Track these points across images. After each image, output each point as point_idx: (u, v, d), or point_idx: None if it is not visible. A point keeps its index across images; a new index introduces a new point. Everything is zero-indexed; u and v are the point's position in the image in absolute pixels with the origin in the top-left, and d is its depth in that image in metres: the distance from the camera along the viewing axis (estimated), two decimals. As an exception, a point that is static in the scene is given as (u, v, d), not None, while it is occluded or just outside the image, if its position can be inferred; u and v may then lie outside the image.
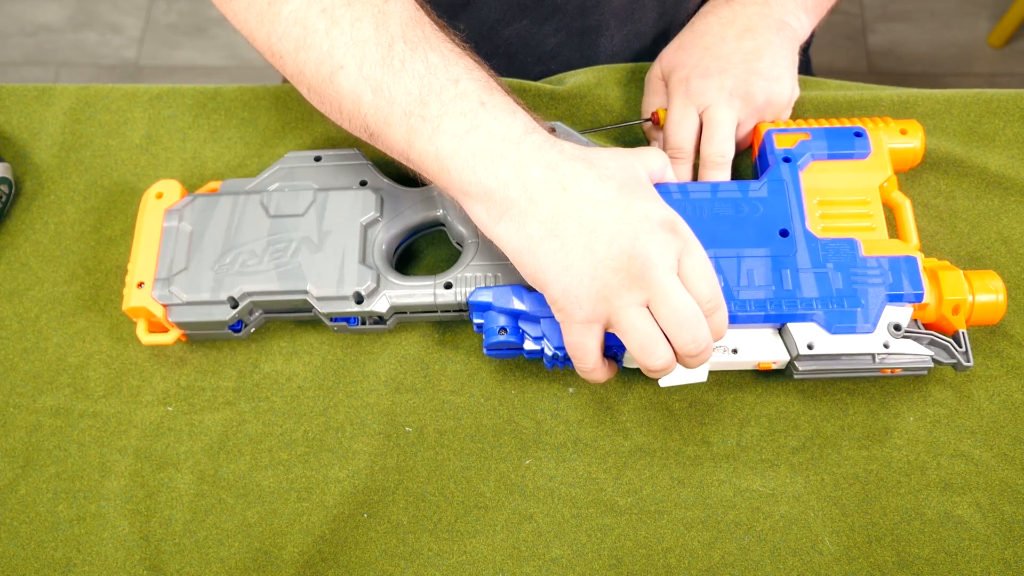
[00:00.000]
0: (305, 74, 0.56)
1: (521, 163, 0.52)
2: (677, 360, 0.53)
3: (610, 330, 0.53)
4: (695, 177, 0.65)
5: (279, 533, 0.59)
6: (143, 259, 0.62)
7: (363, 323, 0.62)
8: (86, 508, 0.60)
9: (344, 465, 0.60)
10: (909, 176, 0.68)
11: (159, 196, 0.64)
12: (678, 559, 0.57)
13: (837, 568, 0.57)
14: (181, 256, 0.61)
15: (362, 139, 0.57)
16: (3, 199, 0.68)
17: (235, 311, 0.60)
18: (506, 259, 0.59)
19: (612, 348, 0.57)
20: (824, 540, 0.58)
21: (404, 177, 0.64)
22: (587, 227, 0.51)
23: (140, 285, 0.61)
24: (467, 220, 0.62)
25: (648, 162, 0.57)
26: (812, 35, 0.92)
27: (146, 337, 0.62)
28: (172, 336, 0.62)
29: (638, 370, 0.62)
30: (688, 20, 0.72)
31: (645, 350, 0.51)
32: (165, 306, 0.60)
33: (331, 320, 0.62)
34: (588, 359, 0.54)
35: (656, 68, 0.69)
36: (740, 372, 0.62)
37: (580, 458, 0.60)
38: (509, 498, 0.59)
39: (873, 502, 0.58)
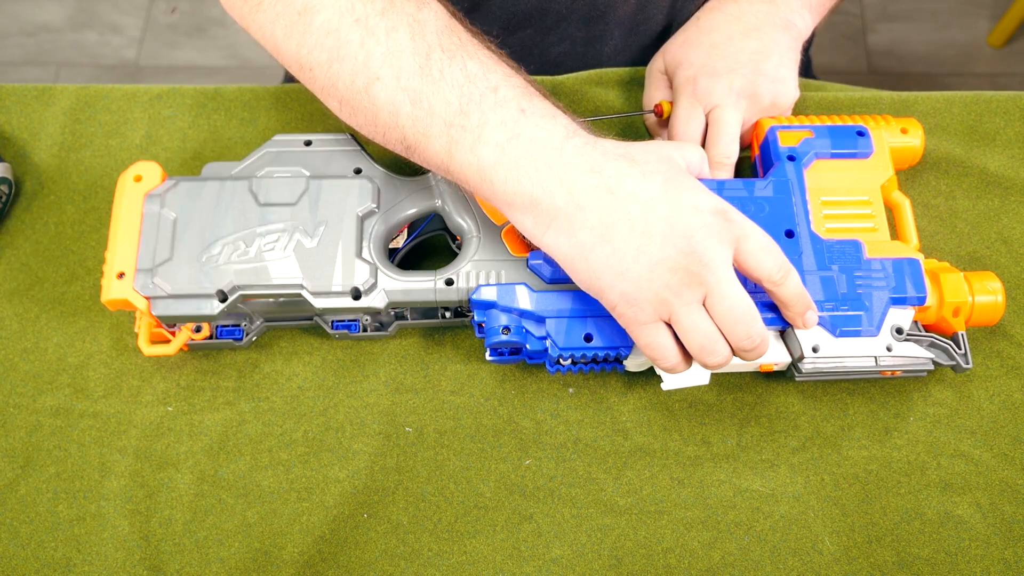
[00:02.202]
0: (338, 87, 0.55)
1: (565, 170, 0.51)
2: (734, 354, 0.53)
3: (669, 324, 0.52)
4: None
5: (279, 533, 0.59)
6: (122, 247, 0.58)
7: (364, 330, 0.62)
8: (86, 508, 0.60)
9: (344, 465, 0.60)
10: (909, 176, 0.68)
11: (138, 179, 0.60)
12: (678, 559, 0.57)
13: (837, 568, 0.57)
14: (164, 245, 0.58)
15: (397, 152, 0.56)
16: (3, 199, 0.68)
17: (224, 305, 0.58)
18: (509, 256, 0.59)
19: (618, 348, 0.57)
20: (824, 540, 0.58)
21: (398, 165, 0.64)
22: (638, 229, 0.50)
23: (120, 276, 0.58)
24: (467, 211, 0.60)
25: (687, 155, 0.56)
26: (813, 34, 0.92)
27: (148, 348, 0.61)
28: (174, 346, 0.61)
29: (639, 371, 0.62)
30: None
31: (705, 350, 0.51)
32: (148, 298, 0.58)
33: (332, 327, 0.61)
34: (668, 356, 0.53)
35: (659, 61, 0.69)
36: (740, 372, 0.62)
37: (580, 458, 0.60)
38: (509, 498, 0.59)
39: (873, 502, 0.58)
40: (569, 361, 0.58)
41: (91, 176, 0.70)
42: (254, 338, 0.63)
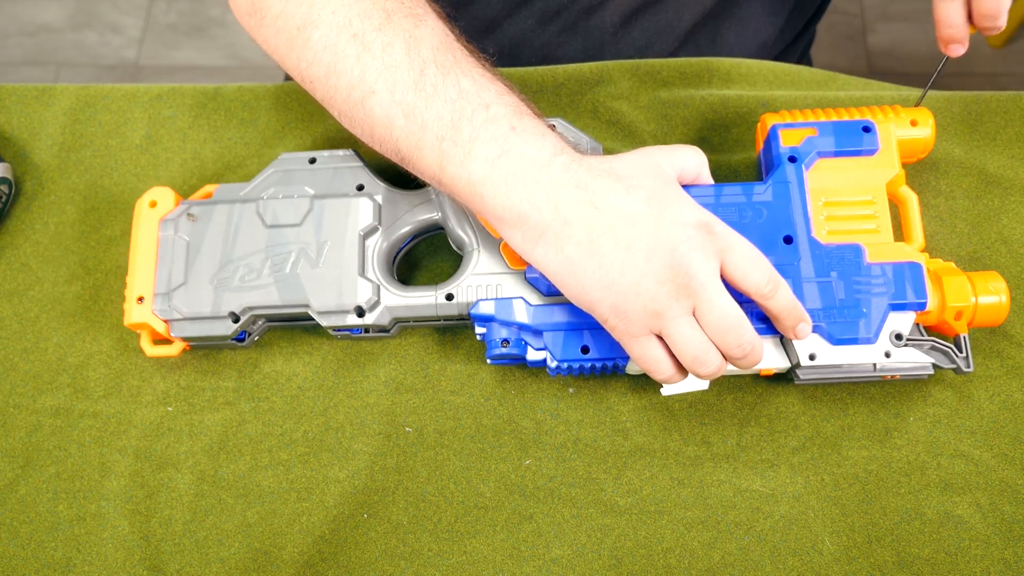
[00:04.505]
0: (336, 99, 0.56)
1: (552, 185, 0.51)
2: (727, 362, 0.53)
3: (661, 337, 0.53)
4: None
5: (279, 533, 0.59)
6: (141, 271, 0.61)
7: (366, 331, 0.62)
8: (86, 508, 0.60)
9: (344, 465, 0.60)
10: (909, 176, 0.68)
11: (153, 205, 0.63)
12: (678, 559, 0.57)
13: (837, 568, 0.57)
14: (179, 269, 0.61)
15: (394, 161, 0.57)
16: (3, 199, 0.68)
17: (237, 325, 0.60)
18: (507, 269, 0.60)
19: (615, 359, 0.57)
20: (824, 540, 0.58)
21: (401, 179, 0.64)
22: (622, 243, 0.50)
23: (140, 300, 0.60)
24: (467, 224, 0.61)
25: (678, 161, 0.56)
26: (813, 35, 0.91)
27: (151, 349, 0.62)
28: (177, 348, 0.62)
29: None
30: (691, 19, 0.70)
31: (698, 361, 0.52)
32: (167, 321, 0.60)
33: (334, 330, 0.62)
34: (662, 368, 0.53)
35: None
36: (740, 375, 0.62)
37: (580, 458, 0.60)
38: (509, 498, 0.59)
39: (873, 502, 0.58)
40: (568, 369, 0.58)
41: (91, 176, 0.70)
42: (256, 338, 0.63)
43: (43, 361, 0.64)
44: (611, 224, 0.51)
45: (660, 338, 0.53)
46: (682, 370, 0.54)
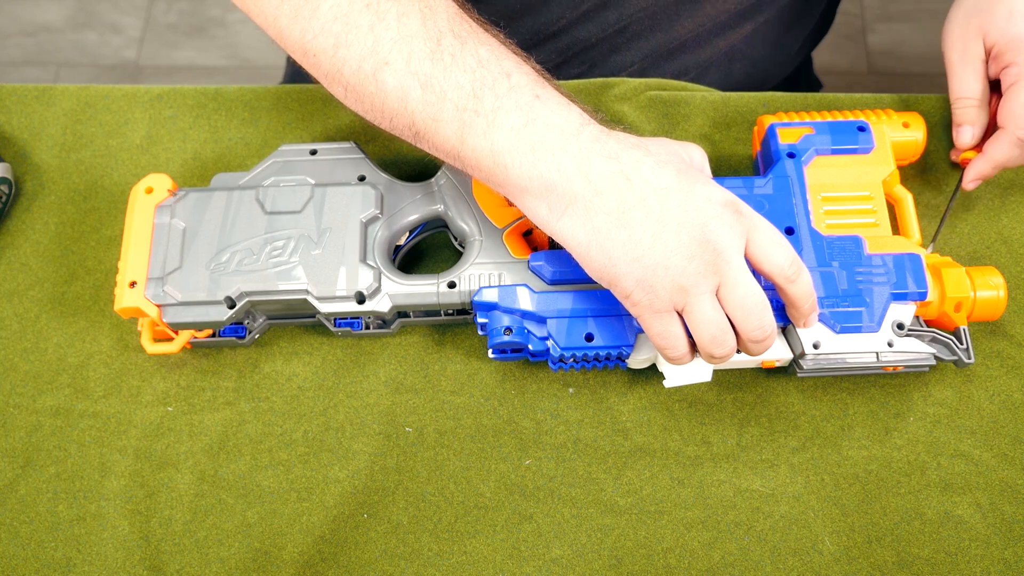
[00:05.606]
0: (344, 72, 0.54)
1: (582, 155, 0.50)
2: (741, 347, 0.53)
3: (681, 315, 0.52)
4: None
5: (279, 533, 0.59)
6: (134, 257, 0.60)
7: (367, 327, 0.62)
8: (86, 508, 0.60)
9: (344, 465, 0.60)
10: (909, 176, 0.68)
11: (149, 191, 0.62)
12: (678, 559, 0.57)
13: (837, 568, 0.57)
14: (174, 254, 0.60)
15: (404, 139, 0.56)
16: (3, 199, 0.68)
17: (232, 311, 0.59)
18: (510, 258, 0.59)
19: (620, 347, 0.57)
20: (824, 540, 0.58)
21: (402, 173, 0.64)
22: (653, 215, 0.50)
23: (132, 284, 0.59)
24: (469, 215, 0.61)
25: (691, 152, 0.57)
26: (818, 34, 0.92)
27: (151, 347, 0.61)
28: (177, 345, 0.61)
29: (639, 369, 0.62)
30: (708, 57, 0.72)
31: (715, 341, 0.51)
32: (159, 306, 0.59)
33: (335, 324, 0.61)
34: (679, 346, 0.53)
35: (975, 45, 0.65)
36: (740, 371, 0.62)
37: (580, 458, 0.60)
38: (509, 498, 0.59)
39: (873, 502, 0.58)
40: (571, 360, 0.58)
41: (91, 176, 0.70)
42: (257, 336, 0.63)
43: (43, 361, 0.64)
44: (643, 196, 0.50)
45: (679, 316, 0.52)
46: (693, 352, 0.54)
